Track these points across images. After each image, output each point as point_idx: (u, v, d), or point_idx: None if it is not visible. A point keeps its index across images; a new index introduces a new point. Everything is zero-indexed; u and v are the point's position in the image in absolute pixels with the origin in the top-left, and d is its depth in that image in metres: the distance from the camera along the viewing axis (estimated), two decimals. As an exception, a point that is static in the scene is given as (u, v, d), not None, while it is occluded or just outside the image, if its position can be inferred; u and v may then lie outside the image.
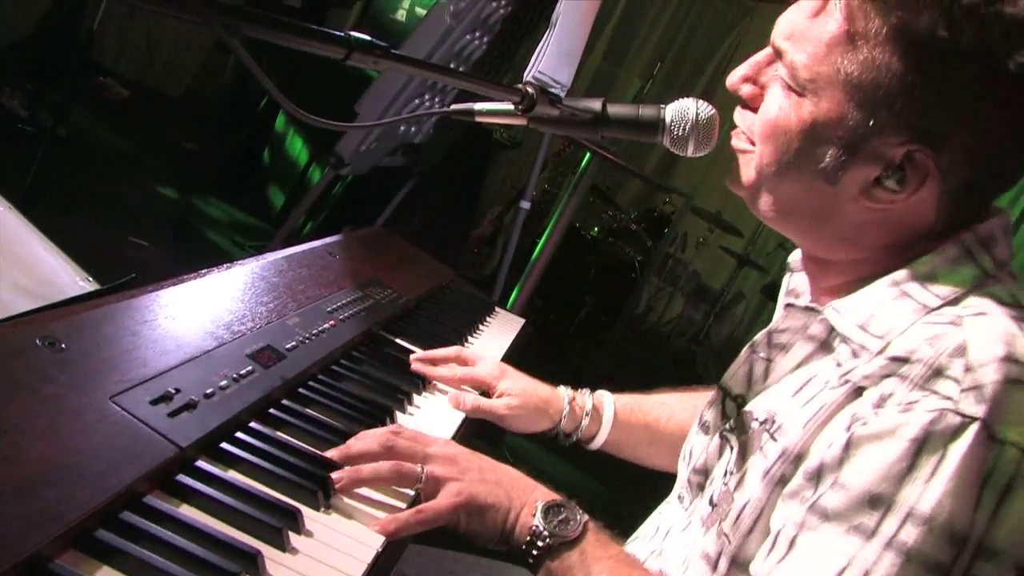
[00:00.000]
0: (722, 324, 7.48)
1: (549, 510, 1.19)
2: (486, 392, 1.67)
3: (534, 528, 1.18)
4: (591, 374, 6.23)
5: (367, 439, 1.22)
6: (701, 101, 1.29)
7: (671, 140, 1.29)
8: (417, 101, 3.53)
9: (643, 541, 1.43)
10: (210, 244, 5.11)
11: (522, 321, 2.31)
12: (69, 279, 1.44)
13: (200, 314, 1.29)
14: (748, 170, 1.20)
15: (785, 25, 1.15)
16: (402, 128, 3.91)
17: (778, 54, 1.15)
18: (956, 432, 0.93)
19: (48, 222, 1.59)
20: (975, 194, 1.12)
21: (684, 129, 1.28)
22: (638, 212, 7.34)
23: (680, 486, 1.41)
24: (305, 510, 1.05)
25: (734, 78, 1.22)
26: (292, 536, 1.00)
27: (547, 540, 1.17)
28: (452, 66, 3.61)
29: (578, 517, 1.20)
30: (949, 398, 0.95)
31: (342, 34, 1.00)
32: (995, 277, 1.10)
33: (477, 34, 3.60)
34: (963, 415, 0.94)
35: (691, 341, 7.44)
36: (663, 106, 1.30)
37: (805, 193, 1.16)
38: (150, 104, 7.04)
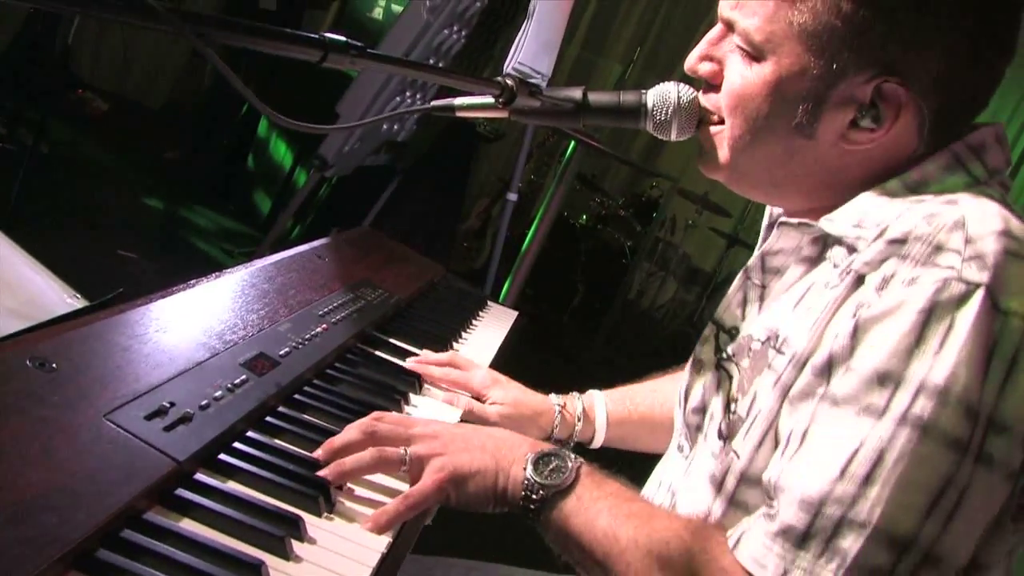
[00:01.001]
0: (715, 305, 7.47)
1: (539, 461, 1.18)
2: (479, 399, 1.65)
3: (526, 482, 1.17)
4: (586, 362, 6.23)
5: (348, 430, 1.21)
6: (682, 84, 1.28)
7: (654, 125, 1.29)
8: (398, 99, 3.52)
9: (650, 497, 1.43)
10: (199, 253, 5.10)
11: (515, 314, 2.30)
12: (57, 297, 1.43)
13: (191, 325, 1.28)
14: (722, 149, 1.21)
15: None
16: (385, 126, 3.90)
17: (729, 26, 1.17)
18: (962, 299, 0.94)
19: (34, 239, 1.58)
20: (954, 116, 1.13)
21: (666, 113, 1.27)
22: (625, 198, 7.35)
23: (678, 435, 1.39)
24: (307, 517, 1.04)
25: (691, 60, 1.24)
26: (295, 544, 0.99)
27: (541, 492, 1.16)
28: (431, 62, 3.59)
29: (570, 464, 1.18)
30: (952, 267, 0.95)
31: (317, 36, 0.99)
32: (986, 184, 1.10)
33: (455, 28, 3.59)
34: (968, 282, 0.94)
35: (685, 323, 7.44)
36: (644, 91, 1.29)
37: (783, 154, 1.17)
38: (130, 116, 7.02)
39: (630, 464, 1.43)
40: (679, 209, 7.43)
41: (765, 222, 1.41)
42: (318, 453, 1.18)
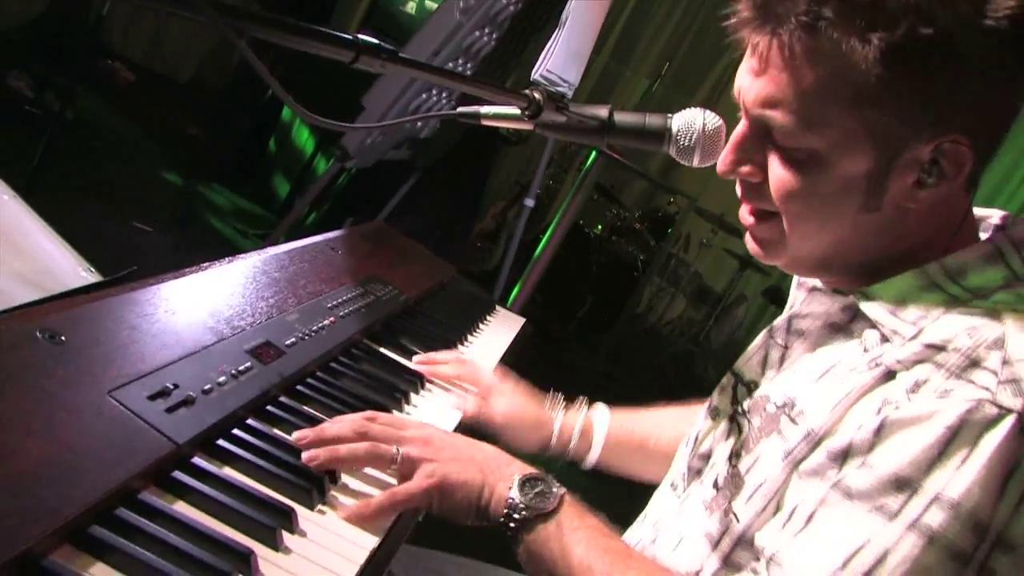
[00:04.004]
0: (722, 326, 7.48)
1: (526, 483, 1.19)
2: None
3: (510, 501, 1.18)
4: (589, 372, 6.24)
5: (342, 424, 1.22)
6: (708, 111, 1.28)
7: (677, 150, 1.29)
8: (424, 96, 3.53)
9: (631, 531, 1.44)
10: (213, 231, 5.11)
11: (522, 321, 2.31)
12: (71, 269, 1.44)
13: (200, 308, 1.29)
14: (782, 239, 1.16)
15: (754, 94, 1.10)
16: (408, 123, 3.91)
17: (762, 124, 1.11)
18: (992, 423, 0.94)
19: (52, 205, 1.59)
20: (990, 155, 1.11)
21: (691, 139, 1.28)
22: (642, 211, 7.35)
23: (675, 474, 1.40)
24: (299, 509, 1.05)
25: (726, 165, 1.17)
26: (286, 535, 1.00)
27: (523, 512, 1.17)
28: (460, 62, 3.60)
29: (555, 490, 1.19)
30: (987, 388, 0.95)
31: (350, 37, 1.00)
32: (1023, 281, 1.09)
33: (486, 31, 3.59)
34: (1000, 407, 0.94)
35: (691, 342, 7.44)
36: (670, 116, 1.30)
37: (849, 233, 1.13)
38: (156, 89, 7.04)
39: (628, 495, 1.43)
40: (694, 227, 7.42)
41: (795, 285, 1.39)
42: (307, 434, 1.18)
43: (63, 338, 1.03)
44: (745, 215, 1.21)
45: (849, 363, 1.12)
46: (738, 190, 1.20)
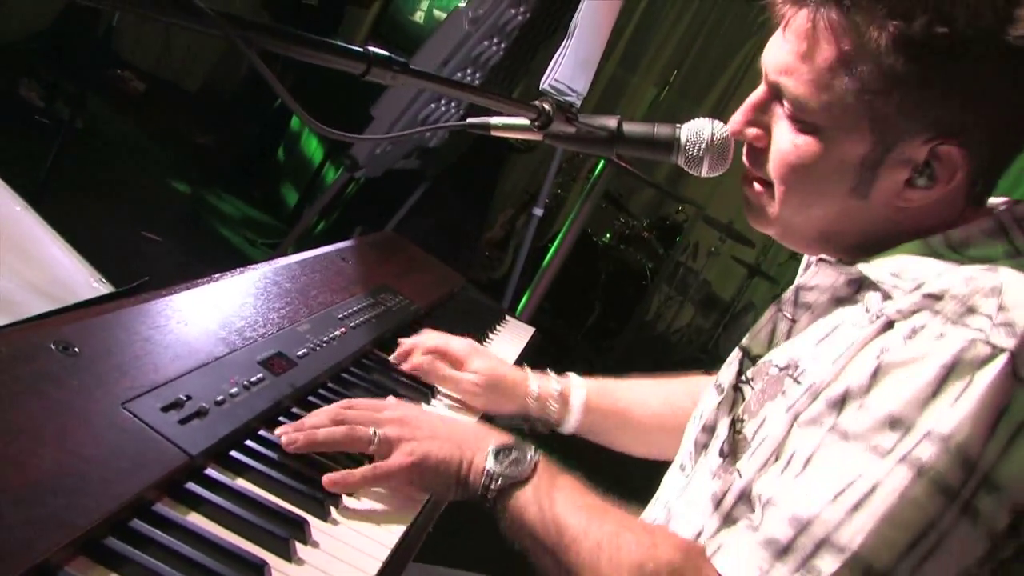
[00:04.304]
0: (731, 334, 7.46)
1: (500, 452, 1.22)
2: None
3: (486, 471, 1.20)
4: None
5: (320, 415, 1.25)
6: (716, 121, 1.29)
7: (686, 160, 1.30)
8: (433, 106, 3.53)
9: (644, 515, 1.44)
10: (222, 240, 5.12)
11: (531, 330, 2.31)
12: (83, 280, 1.45)
13: (212, 319, 1.29)
14: (772, 207, 1.21)
15: (775, 61, 1.15)
16: (417, 132, 3.91)
17: (776, 91, 1.16)
18: (985, 361, 0.95)
19: (62, 214, 1.60)
20: (1000, 164, 1.14)
21: (699, 149, 1.28)
22: (650, 220, 7.34)
23: (683, 454, 1.41)
24: (312, 520, 1.06)
25: (736, 125, 1.22)
26: (299, 546, 1.00)
27: (499, 481, 1.19)
28: (469, 71, 3.61)
29: (529, 456, 1.22)
30: (981, 330, 0.97)
31: (361, 49, 1.01)
32: None
33: (495, 40, 3.60)
34: (993, 346, 0.96)
35: (699, 350, 7.43)
36: (679, 126, 1.30)
37: (836, 215, 1.17)
38: (166, 98, 7.06)
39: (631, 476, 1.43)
40: (703, 236, 7.41)
41: (805, 260, 1.42)
42: (287, 429, 1.20)
43: (76, 349, 1.03)
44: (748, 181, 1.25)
45: (851, 322, 1.14)
46: (744, 155, 1.24)
